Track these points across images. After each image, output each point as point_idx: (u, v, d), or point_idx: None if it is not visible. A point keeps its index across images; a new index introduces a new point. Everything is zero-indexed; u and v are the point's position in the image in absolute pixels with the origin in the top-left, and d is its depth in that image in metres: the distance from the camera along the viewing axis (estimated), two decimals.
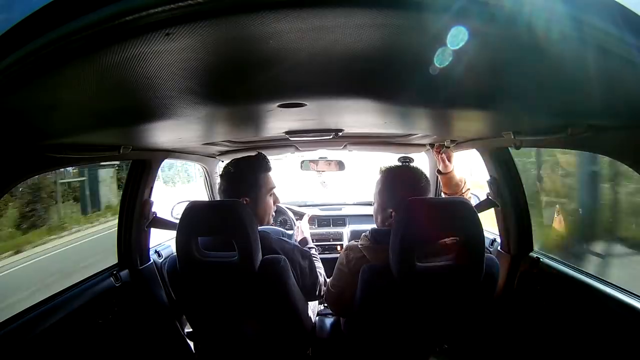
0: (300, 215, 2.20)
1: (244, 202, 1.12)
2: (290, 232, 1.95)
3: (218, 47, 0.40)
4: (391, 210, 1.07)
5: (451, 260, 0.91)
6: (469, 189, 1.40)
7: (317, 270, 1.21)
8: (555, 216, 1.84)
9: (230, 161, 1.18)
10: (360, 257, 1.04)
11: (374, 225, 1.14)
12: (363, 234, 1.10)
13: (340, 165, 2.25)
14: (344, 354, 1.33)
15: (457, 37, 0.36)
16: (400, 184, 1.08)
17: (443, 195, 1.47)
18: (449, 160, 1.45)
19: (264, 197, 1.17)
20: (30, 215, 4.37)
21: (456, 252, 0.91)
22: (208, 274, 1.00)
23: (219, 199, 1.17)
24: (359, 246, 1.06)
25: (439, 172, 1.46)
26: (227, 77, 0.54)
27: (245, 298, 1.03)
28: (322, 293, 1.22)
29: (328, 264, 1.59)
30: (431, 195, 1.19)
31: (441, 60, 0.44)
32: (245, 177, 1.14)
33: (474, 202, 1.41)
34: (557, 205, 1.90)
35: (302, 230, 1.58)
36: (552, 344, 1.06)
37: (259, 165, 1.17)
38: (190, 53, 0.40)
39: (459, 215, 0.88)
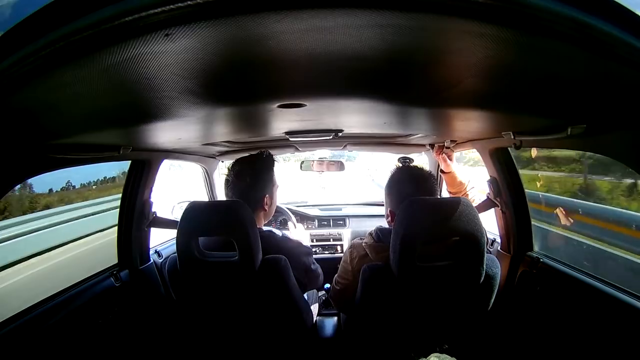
0: (300, 216, 2.20)
1: (266, 199, 1.15)
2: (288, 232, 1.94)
3: (218, 48, 0.40)
4: (390, 210, 1.07)
5: (451, 259, 0.91)
6: (473, 188, 1.40)
7: (318, 270, 1.22)
8: None
9: (240, 161, 1.17)
10: (364, 255, 1.05)
11: (375, 225, 1.15)
12: (368, 232, 1.10)
13: (339, 165, 2.26)
14: (344, 353, 1.33)
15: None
16: (401, 186, 1.07)
17: (448, 195, 1.47)
18: (450, 159, 1.47)
19: (275, 193, 1.21)
20: None
21: (456, 251, 0.91)
22: (209, 274, 1.00)
23: (223, 199, 1.17)
24: (363, 244, 1.07)
25: (441, 171, 1.47)
26: (226, 78, 0.53)
27: (246, 298, 1.03)
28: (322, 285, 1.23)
29: (328, 264, 1.59)
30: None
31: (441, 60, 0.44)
32: (264, 176, 1.16)
33: (478, 202, 1.41)
34: None
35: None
36: (552, 343, 1.06)
37: (271, 163, 1.19)
38: (190, 53, 0.40)
39: (458, 214, 0.88)
